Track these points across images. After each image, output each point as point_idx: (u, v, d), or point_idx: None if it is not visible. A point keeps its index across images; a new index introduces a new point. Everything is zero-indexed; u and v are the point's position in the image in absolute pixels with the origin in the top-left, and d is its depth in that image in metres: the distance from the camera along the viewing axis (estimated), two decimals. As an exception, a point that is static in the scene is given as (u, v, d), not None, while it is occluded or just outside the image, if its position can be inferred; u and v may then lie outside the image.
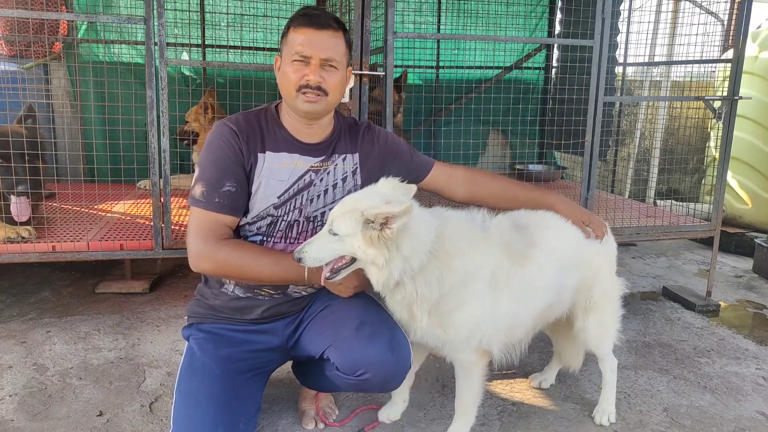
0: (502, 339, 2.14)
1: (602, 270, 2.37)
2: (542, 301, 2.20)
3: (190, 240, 2.02)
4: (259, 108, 2.18)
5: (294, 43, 1.99)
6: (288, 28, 2.03)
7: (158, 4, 2.80)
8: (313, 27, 1.98)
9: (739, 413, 2.61)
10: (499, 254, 2.07)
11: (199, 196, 2.01)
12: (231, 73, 4.55)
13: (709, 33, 4.15)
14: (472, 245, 2.03)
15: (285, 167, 2.08)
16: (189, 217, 2.06)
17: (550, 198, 2.36)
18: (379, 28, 3.22)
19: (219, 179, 2.00)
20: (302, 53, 1.97)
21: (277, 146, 2.09)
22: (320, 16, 2.01)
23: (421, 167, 2.33)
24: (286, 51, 2.02)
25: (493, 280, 2.04)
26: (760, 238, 4.75)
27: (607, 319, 2.41)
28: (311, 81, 1.98)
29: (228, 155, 2.02)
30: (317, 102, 2.01)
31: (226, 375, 2.06)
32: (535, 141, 5.62)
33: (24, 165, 3.01)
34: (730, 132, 3.71)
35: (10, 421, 2.36)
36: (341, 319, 2.07)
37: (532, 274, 2.12)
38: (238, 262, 1.99)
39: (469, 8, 5.30)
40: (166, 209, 3.02)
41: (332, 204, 2.14)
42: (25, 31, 4.36)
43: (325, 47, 1.99)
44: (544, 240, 2.19)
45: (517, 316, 2.13)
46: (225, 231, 2.03)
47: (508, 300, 2.07)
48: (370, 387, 2.07)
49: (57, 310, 3.45)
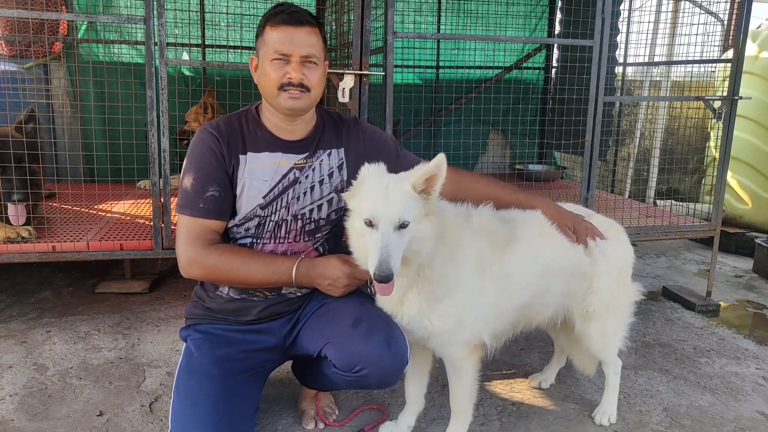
0: (492, 328, 2.13)
1: (602, 278, 2.27)
2: (520, 297, 2.16)
3: (178, 247, 2.03)
4: (239, 110, 2.18)
5: (272, 41, 1.98)
6: (264, 27, 2.02)
7: (158, 4, 2.80)
8: (290, 24, 1.98)
9: (739, 413, 2.61)
10: (482, 240, 2.07)
11: (184, 203, 2.02)
12: (231, 73, 4.55)
13: (709, 33, 4.15)
14: (459, 228, 2.03)
15: (267, 167, 2.08)
16: (177, 225, 2.07)
17: (536, 201, 2.30)
18: (379, 28, 3.22)
19: (202, 185, 2.01)
20: (282, 51, 1.97)
21: (258, 147, 2.09)
22: (297, 12, 2.01)
23: (408, 165, 2.28)
24: (264, 50, 2.02)
25: (479, 265, 2.04)
26: (760, 238, 4.75)
27: (612, 328, 2.36)
28: (293, 78, 1.98)
29: (209, 160, 2.02)
30: (300, 98, 2.02)
31: (224, 375, 2.06)
32: (535, 141, 5.62)
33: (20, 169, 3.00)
34: (730, 132, 3.71)
35: (10, 421, 2.36)
36: (337, 317, 2.08)
37: (512, 265, 2.10)
38: (226, 266, 2.00)
39: (469, 8, 5.30)
40: (166, 209, 3.02)
41: (320, 201, 2.14)
42: (25, 31, 4.37)
43: (304, 44, 1.99)
44: (526, 236, 2.16)
45: (500, 307, 2.11)
46: (213, 236, 2.04)
47: (493, 288, 2.06)
48: (368, 383, 2.07)
49: (57, 310, 3.45)
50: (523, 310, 2.21)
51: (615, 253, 2.33)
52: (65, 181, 4.28)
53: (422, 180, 1.82)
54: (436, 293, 1.97)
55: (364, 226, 1.79)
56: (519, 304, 2.18)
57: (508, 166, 5.57)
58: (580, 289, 2.28)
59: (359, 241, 1.88)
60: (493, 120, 5.23)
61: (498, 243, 2.10)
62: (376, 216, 1.76)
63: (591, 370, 2.60)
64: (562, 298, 2.29)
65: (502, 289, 2.09)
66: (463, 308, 2.02)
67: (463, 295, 2.02)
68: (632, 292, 2.43)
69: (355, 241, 1.91)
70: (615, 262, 2.32)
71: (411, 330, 2.05)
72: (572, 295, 2.29)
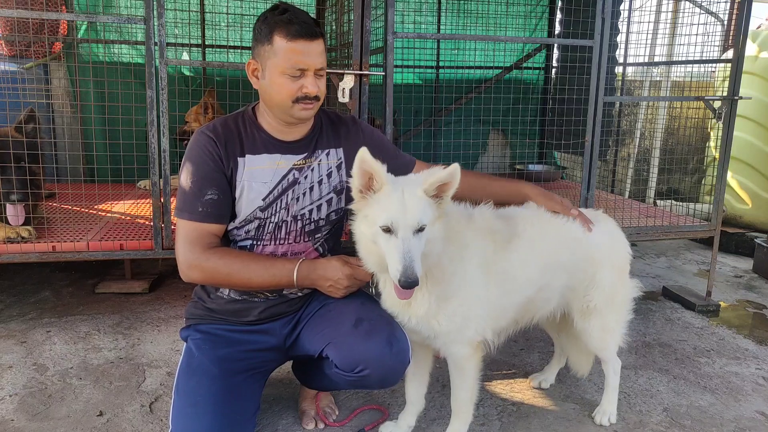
0: (493, 326, 2.15)
1: (602, 273, 2.30)
2: (523, 293, 2.18)
3: (178, 251, 2.02)
4: (236, 112, 2.17)
5: (287, 54, 1.93)
6: (272, 34, 1.94)
7: (158, 4, 2.80)
8: (307, 38, 1.94)
9: (739, 413, 2.61)
10: (485, 237, 2.09)
11: (183, 207, 2.02)
12: (231, 73, 4.55)
13: (709, 33, 4.15)
14: (462, 228, 2.05)
15: (266, 169, 2.08)
16: (176, 228, 2.06)
17: (523, 187, 2.33)
18: (379, 28, 3.22)
19: (200, 188, 2.00)
20: (300, 67, 1.94)
21: (256, 148, 2.08)
22: (307, 23, 1.96)
23: (403, 166, 2.30)
24: (273, 60, 1.95)
25: (484, 263, 2.05)
26: (760, 238, 4.75)
27: (612, 323, 2.37)
28: (311, 93, 1.97)
29: (207, 163, 2.02)
30: (313, 108, 2.03)
31: (224, 375, 2.06)
32: (535, 141, 5.62)
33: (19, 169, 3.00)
34: (730, 132, 3.71)
35: (10, 421, 2.36)
36: (339, 317, 2.08)
37: (514, 262, 2.13)
38: (226, 270, 2.00)
39: (469, 8, 5.30)
40: (166, 209, 3.02)
41: (319, 201, 2.15)
42: (25, 31, 4.37)
43: (319, 58, 1.98)
44: (526, 232, 2.18)
45: (503, 303, 2.14)
46: (212, 239, 2.03)
47: (496, 286, 2.08)
48: (370, 383, 2.07)
49: (57, 310, 3.45)
50: (526, 305, 2.23)
51: (612, 248, 2.35)
52: (65, 181, 4.29)
53: (435, 186, 1.84)
54: (444, 292, 1.98)
55: (379, 232, 1.79)
56: (522, 300, 2.19)
57: (508, 166, 5.58)
58: (582, 282, 2.30)
59: (370, 246, 1.87)
60: (493, 120, 5.23)
61: (500, 241, 2.12)
62: (395, 223, 1.77)
63: (585, 371, 2.61)
64: (564, 292, 2.31)
65: (506, 285, 2.12)
66: (470, 306, 2.04)
67: (469, 293, 2.03)
68: (631, 288, 2.45)
69: (366, 246, 1.90)
70: (611, 256, 2.35)
71: (418, 330, 2.06)
72: (573, 289, 2.31)
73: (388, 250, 1.78)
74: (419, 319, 2.01)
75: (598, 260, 2.30)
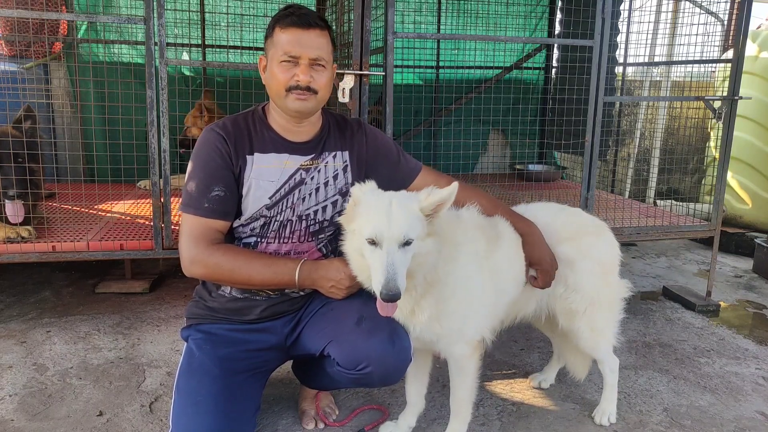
0: (490, 324, 2.17)
1: (581, 275, 2.31)
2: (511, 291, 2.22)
3: (182, 245, 2.03)
4: (246, 110, 2.18)
5: (281, 43, 1.98)
6: (273, 28, 2.02)
7: (158, 4, 2.80)
8: (300, 27, 1.98)
9: (739, 413, 2.61)
10: (476, 233, 2.11)
11: (189, 202, 2.02)
12: (231, 73, 4.55)
13: (709, 33, 4.15)
14: (453, 226, 2.05)
15: (274, 168, 2.09)
16: (180, 223, 2.07)
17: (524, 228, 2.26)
18: (379, 28, 3.22)
19: (207, 185, 2.01)
20: (291, 53, 1.98)
21: (264, 147, 2.09)
22: (307, 15, 2.01)
23: (409, 171, 2.28)
24: (273, 51, 2.02)
25: (477, 260, 2.07)
26: (760, 238, 4.75)
27: (600, 324, 2.38)
28: (301, 81, 1.98)
29: (215, 160, 2.02)
30: (307, 100, 2.02)
31: (225, 374, 2.06)
32: (535, 141, 5.63)
33: (18, 167, 3.00)
34: (730, 132, 3.71)
35: (10, 421, 2.36)
36: (341, 315, 2.08)
37: (502, 259, 2.16)
38: (229, 266, 2.00)
39: (469, 8, 5.30)
40: (166, 209, 3.02)
41: (324, 202, 2.15)
42: (25, 31, 4.37)
43: (313, 47, 1.99)
44: (506, 232, 2.21)
45: (496, 301, 2.16)
46: (216, 236, 2.04)
47: (490, 282, 2.11)
48: (372, 381, 2.07)
49: (57, 310, 3.45)
50: (512, 304, 2.27)
51: (596, 250, 2.36)
52: (65, 181, 4.28)
53: (433, 206, 1.85)
54: (443, 293, 1.99)
55: (366, 245, 1.79)
56: (509, 299, 2.23)
57: (508, 166, 5.58)
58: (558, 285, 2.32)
59: (360, 261, 1.88)
60: (493, 120, 5.24)
61: (491, 237, 2.15)
62: (379, 235, 1.76)
63: (582, 374, 2.61)
64: (541, 294, 2.34)
65: (497, 282, 2.14)
66: (468, 304, 2.05)
67: (466, 291, 2.04)
68: (619, 289, 2.45)
69: (356, 261, 1.91)
70: (597, 258, 2.36)
71: (422, 337, 2.06)
72: (549, 292, 2.34)
73: (372, 263, 1.79)
74: (423, 326, 2.01)
75: (583, 264, 2.32)
